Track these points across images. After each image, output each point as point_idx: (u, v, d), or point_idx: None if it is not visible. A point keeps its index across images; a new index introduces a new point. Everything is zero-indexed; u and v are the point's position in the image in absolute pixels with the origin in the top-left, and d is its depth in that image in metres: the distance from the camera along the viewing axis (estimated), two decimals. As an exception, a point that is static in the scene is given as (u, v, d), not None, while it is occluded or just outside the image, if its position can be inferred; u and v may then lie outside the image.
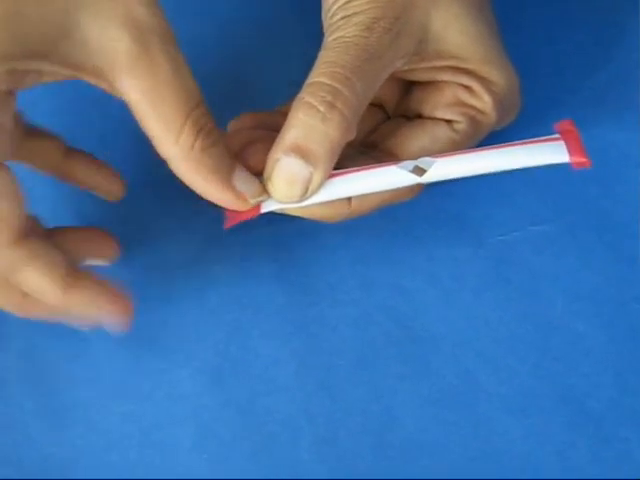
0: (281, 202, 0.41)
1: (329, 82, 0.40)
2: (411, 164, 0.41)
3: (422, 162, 0.41)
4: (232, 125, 0.45)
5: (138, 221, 0.48)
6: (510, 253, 0.47)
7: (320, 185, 0.41)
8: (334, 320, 0.47)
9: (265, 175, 0.41)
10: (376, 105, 0.47)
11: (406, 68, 0.44)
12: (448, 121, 0.45)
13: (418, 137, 0.44)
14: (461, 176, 0.41)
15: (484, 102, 0.44)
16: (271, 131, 0.42)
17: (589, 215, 0.48)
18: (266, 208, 0.42)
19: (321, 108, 0.39)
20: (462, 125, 0.44)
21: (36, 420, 0.45)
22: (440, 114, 0.45)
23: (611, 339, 0.46)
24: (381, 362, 0.46)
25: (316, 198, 0.41)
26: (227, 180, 0.40)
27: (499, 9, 0.46)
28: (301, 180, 0.40)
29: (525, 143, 0.41)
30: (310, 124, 0.39)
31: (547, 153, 0.40)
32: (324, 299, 0.47)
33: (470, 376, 0.46)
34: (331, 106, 0.39)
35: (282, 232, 0.48)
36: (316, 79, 0.40)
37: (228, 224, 0.42)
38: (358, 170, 0.41)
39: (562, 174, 0.49)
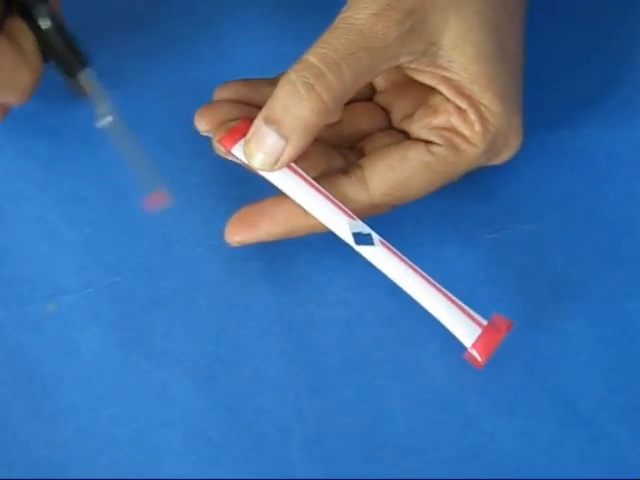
0: (254, 167, 0.43)
1: (317, 63, 0.41)
2: (358, 228, 0.43)
3: (365, 230, 0.43)
4: (217, 92, 0.46)
5: (127, 223, 0.48)
6: (498, 252, 0.47)
7: (290, 159, 0.42)
8: (323, 320, 0.47)
9: (247, 137, 0.43)
10: (384, 109, 0.47)
11: (413, 66, 0.43)
12: (427, 142, 0.44)
13: (389, 154, 0.44)
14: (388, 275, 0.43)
15: (474, 131, 0.43)
16: (251, 107, 0.44)
17: (577, 214, 0.48)
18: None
19: (301, 89, 0.41)
20: (441, 149, 0.44)
21: (26, 423, 0.45)
22: (425, 134, 0.44)
23: (600, 338, 0.46)
24: (370, 362, 0.46)
25: (275, 178, 0.43)
26: None
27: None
28: (274, 150, 0.42)
29: (454, 302, 0.43)
30: (289, 102, 0.41)
31: (460, 326, 0.43)
32: (313, 299, 0.47)
33: (459, 375, 0.46)
34: (311, 88, 0.41)
35: (271, 232, 0.48)
36: (307, 56, 0.42)
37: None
38: (320, 192, 0.43)
39: (550, 172, 0.49)
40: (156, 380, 0.46)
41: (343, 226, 0.43)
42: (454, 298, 0.43)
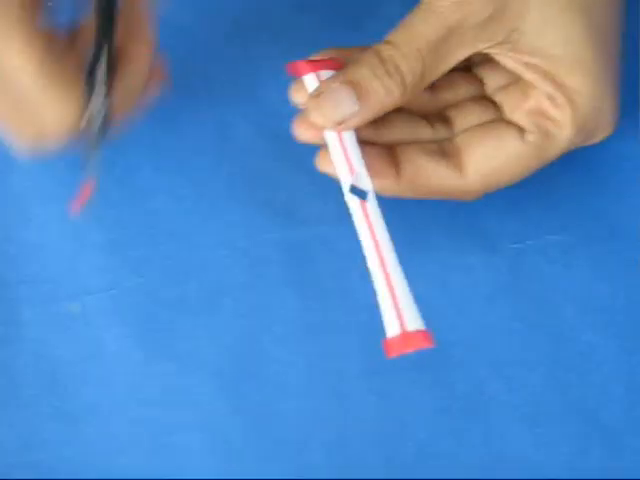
0: (315, 121, 0.43)
1: (402, 47, 0.42)
2: (351, 182, 0.43)
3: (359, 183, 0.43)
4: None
5: (152, 225, 0.48)
6: (523, 262, 0.47)
7: (355, 125, 0.43)
8: (347, 326, 0.47)
9: (314, 93, 0.43)
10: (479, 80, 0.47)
11: (494, 52, 0.43)
12: (521, 130, 0.44)
13: (485, 142, 0.44)
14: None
15: (564, 114, 0.43)
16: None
17: (602, 225, 0.48)
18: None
19: (390, 67, 0.42)
20: (533, 136, 0.44)
21: (49, 422, 0.45)
22: (517, 118, 0.44)
23: (623, 350, 0.46)
24: (393, 369, 0.46)
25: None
26: None
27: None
28: (345, 111, 0.42)
29: (395, 296, 0.42)
30: (376, 73, 0.42)
31: (387, 317, 0.42)
32: (337, 305, 0.47)
33: (481, 384, 0.46)
34: (397, 69, 0.42)
35: (295, 237, 0.48)
36: (392, 39, 0.42)
37: None
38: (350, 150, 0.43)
39: (576, 183, 0.49)
40: (178, 383, 0.46)
41: (347, 176, 0.43)
42: (400, 289, 0.42)
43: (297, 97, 0.45)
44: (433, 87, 0.45)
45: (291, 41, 0.51)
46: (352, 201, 0.43)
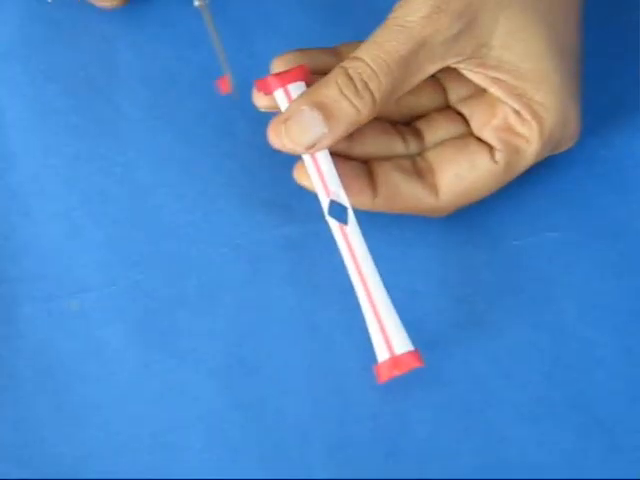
0: (287, 147, 0.43)
1: (371, 64, 0.42)
2: (331, 207, 0.43)
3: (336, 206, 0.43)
4: (274, 63, 0.46)
5: (152, 222, 0.48)
6: (524, 259, 0.47)
7: (327, 146, 0.43)
8: (346, 323, 0.46)
9: (284, 116, 0.43)
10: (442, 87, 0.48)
11: (462, 67, 0.44)
12: (490, 148, 0.45)
13: (458, 162, 0.45)
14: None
15: (531, 130, 0.44)
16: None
17: (604, 223, 0.48)
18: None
19: (358, 85, 0.42)
20: (503, 155, 0.44)
21: (48, 419, 0.45)
22: (486, 135, 0.45)
23: (624, 347, 0.46)
24: (393, 367, 0.46)
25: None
26: None
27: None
28: (314, 135, 0.42)
29: (381, 320, 0.43)
30: (343, 93, 0.42)
31: (376, 342, 0.43)
32: (336, 302, 0.47)
33: (482, 382, 0.46)
34: (365, 87, 0.42)
35: (295, 234, 0.48)
36: (361, 55, 0.42)
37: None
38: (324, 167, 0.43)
39: (577, 181, 0.49)
40: (178, 380, 0.46)
41: (324, 201, 0.44)
42: (385, 313, 0.43)
43: (259, 102, 0.45)
44: None
45: (292, 38, 0.51)
46: (332, 222, 0.44)
